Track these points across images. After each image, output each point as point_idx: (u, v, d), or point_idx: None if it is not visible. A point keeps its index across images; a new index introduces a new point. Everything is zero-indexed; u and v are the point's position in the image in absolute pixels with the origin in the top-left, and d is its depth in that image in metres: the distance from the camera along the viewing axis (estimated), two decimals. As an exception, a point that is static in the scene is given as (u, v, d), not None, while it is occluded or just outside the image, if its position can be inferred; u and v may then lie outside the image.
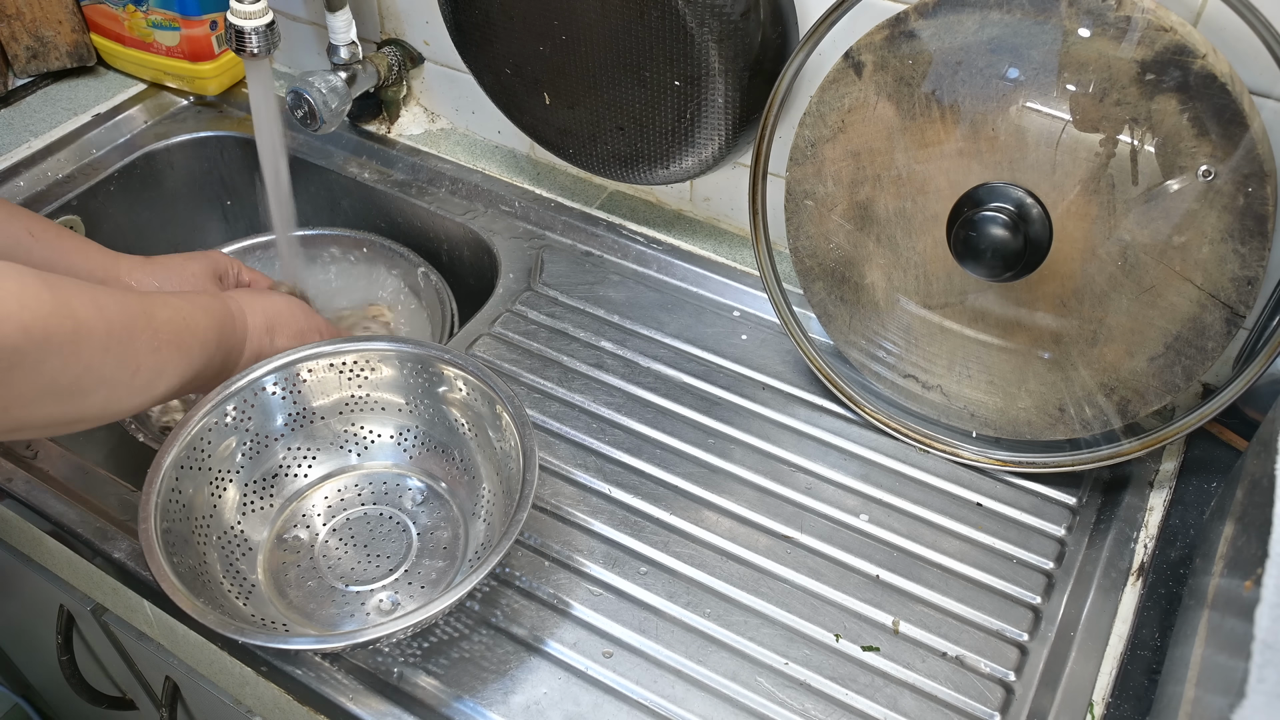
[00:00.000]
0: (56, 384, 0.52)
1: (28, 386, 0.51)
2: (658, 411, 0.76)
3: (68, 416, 0.55)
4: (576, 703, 0.60)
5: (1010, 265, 0.65)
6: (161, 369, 0.59)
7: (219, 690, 0.74)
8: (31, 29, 0.99)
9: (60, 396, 0.53)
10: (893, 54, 0.65)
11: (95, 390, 0.55)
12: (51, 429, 0.56)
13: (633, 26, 0.74)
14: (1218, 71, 0.57)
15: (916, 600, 0.66)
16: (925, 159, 0.66)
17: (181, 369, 0.61)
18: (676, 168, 0.81)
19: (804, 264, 0.75)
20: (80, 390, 0.54)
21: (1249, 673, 0.40)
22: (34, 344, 0.50)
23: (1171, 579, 0.67)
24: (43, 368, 0.51)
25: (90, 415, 0.56)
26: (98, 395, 0.55)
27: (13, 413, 0.51)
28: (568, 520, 0.69)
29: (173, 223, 1.03)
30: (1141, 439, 0.68)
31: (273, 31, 0.79)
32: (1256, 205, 0.59)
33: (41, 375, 0.51)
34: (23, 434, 0.55)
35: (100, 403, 0.56)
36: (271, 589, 0.65)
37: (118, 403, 0.57)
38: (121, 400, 0.57)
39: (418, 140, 0.99)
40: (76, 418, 0.55)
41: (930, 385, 0.74)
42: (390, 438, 0.72)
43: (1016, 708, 0.60)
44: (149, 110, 1.02)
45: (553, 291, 0.85)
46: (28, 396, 0.51)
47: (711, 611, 0.64)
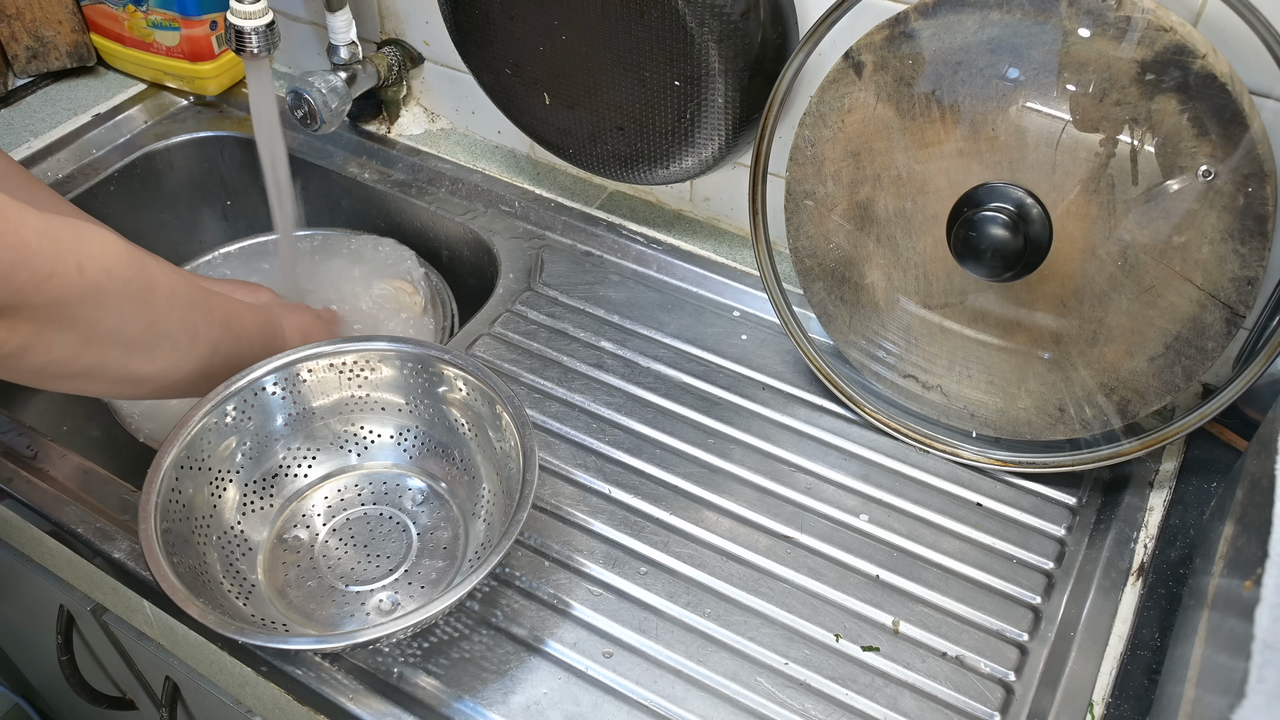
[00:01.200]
0: (129, 330, 0.57)
1: (106, 325, 0.56)
2: (658, 411, 0.76)
3: (135, 370, 0.59)
4: (576, 703, 0.60)
5: (1010, 265, 0.65)
6: (217, 344, 0.64)
7: (219, 690, 0.74)
8: (31, 29, 0.99)
9: (131, 346, 0.58)
10: (893, 54, 0.65)
11: (159, 345, 0.60)
12: (118, 384, 0.60)
13: (633, 26, 0.74)
14: (1218, 71, 0.57)
15: (916, 600, 0.66)
16: (925, 159, 0.66)
17: (229, 350, 0.65)
18: (676, 168, 0.81)
19: (804, 264, 0.75)
20: (148, 342, 0.59)
21: (1249, 673, 0.40)
22: (115, 285, 0.55)
23: (1171, 579, 0.67)
24: (122, 311, 0.56)
25: (153, 374, 0.61)
26: (161, 351, 0.60)
27: (91, 351, 0.56)
28: (568, 520, 0.69)
29: (173, 223, 1.03)
30: (1141, 439, 0.68)
31: (273, 31, 0.79)
32: (1256, 205, 0.59)
33: (121, 317, 0.56)
34: (92, 382, 0.59)
35: (163, 360, 0.60)
36: (271, 589, 0.65)
37: (177, 367, 0.62)
38: (181, 366, 0.62)
39: (418, 140, 0.99)
40: (141, 374, 0.60)
41: (930, 385, 0.74)
42: (390, 438, 0.72)
43: (1016, 708, 0.60)
44: (149, 110, 1.02)
45: (553, 291, 0.85)
46: (105, 336, 0.56)
47: (711, 611, 0.64)
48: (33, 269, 0.50)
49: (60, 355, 0.55)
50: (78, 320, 0.54)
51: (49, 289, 0.51)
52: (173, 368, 0.61)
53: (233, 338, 0.65)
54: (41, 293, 0.51)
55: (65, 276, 0.52)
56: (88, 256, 0.53)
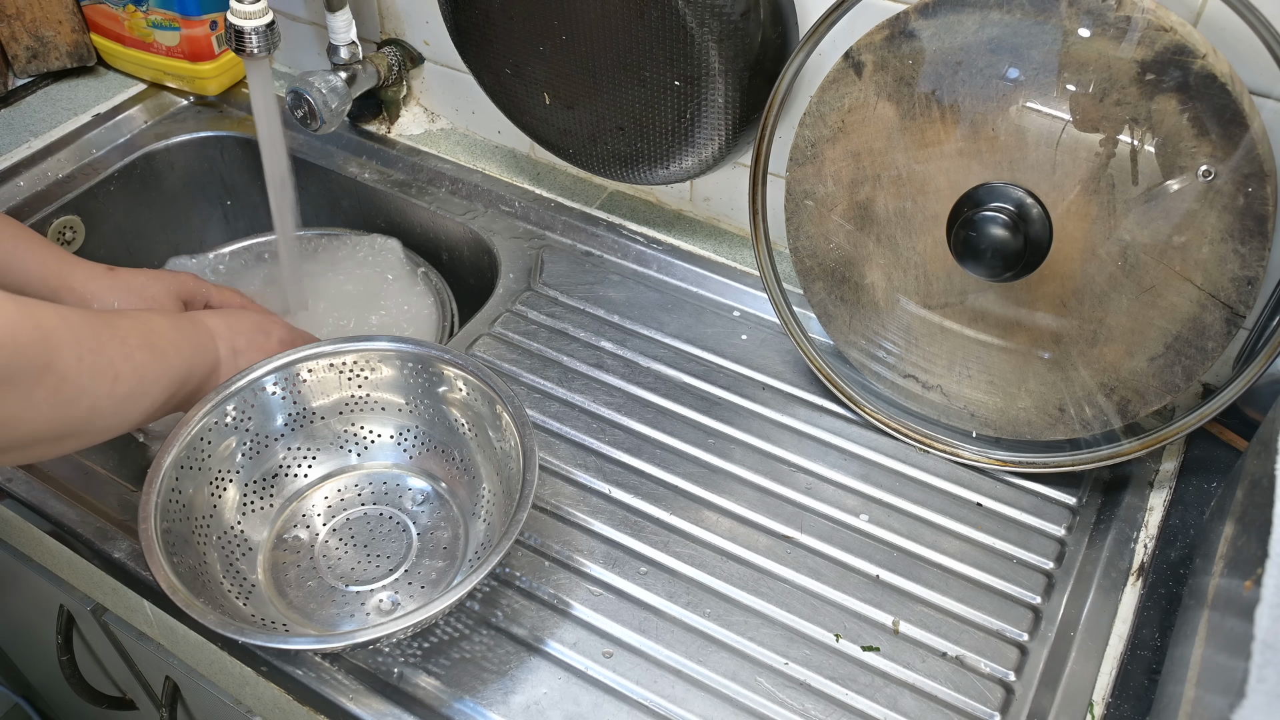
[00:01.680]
0: (34, 395, 0.52)
1: (9, 399, 0.50)
2: (658, 411, 0.76)
3: (59, 429, 0.54)
4: (576, 703, 0.60)
5: (1010, 265, 0.65)
6: (142, 376, 0.58)
7: (219, 690, 0.74)
8: (31, 29, 0.99)
9: (41, 409, 0.52)
10: (893, 54, 0.65)
11: (77, 400, 0.54)
12: (50, 446, 0.55)
13: (633, 26, 0.74)
14: (1218, 71, 0.57)
15: (916, 600, 0.66)
16: (925, 159, 0.66)
17: (162, 375, 0.60)
18: (676, 168, 0.81)
19: (804, 264, 0.75)
20: (62, 400, 0.53)
21: (1249, 673, 0.40)
22: (6, 354, 0.50)
23: (1171, 579, 0.67)
24: (21, 379, 0.51)
25: (81, 428, 0.56)
26: (80, 406, 0.55)
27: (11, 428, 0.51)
28: (568, 520, 0.69)
29: (173, 223, 1.03)
30: (1141, 439, 0.68)
31: (273, 31, 0.79)
32: (1256, 205, 0.59)
33: (20, 384, 0.51)
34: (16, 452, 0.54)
35: (86, 412, 0.55)
36: (271, 589, 0.65)
37: (105, 414, 0.57)
38: (109, 411, 0.57)
39: (418, 140, 0.99)
40: (69, 430, 0.55)
41: (930, 385, 0.74)
42: (390, 438, 0.72)
43: (1016, 708, 0.60)
44: (149, 110, 1.02)
45: (553, 291, 0.85)
46: (13, 410, 0.51)
47: (711, 611, 0.64)
48: None
49: None
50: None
51: None
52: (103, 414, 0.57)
53: (159, 358, 0.60)
54: None
55: None
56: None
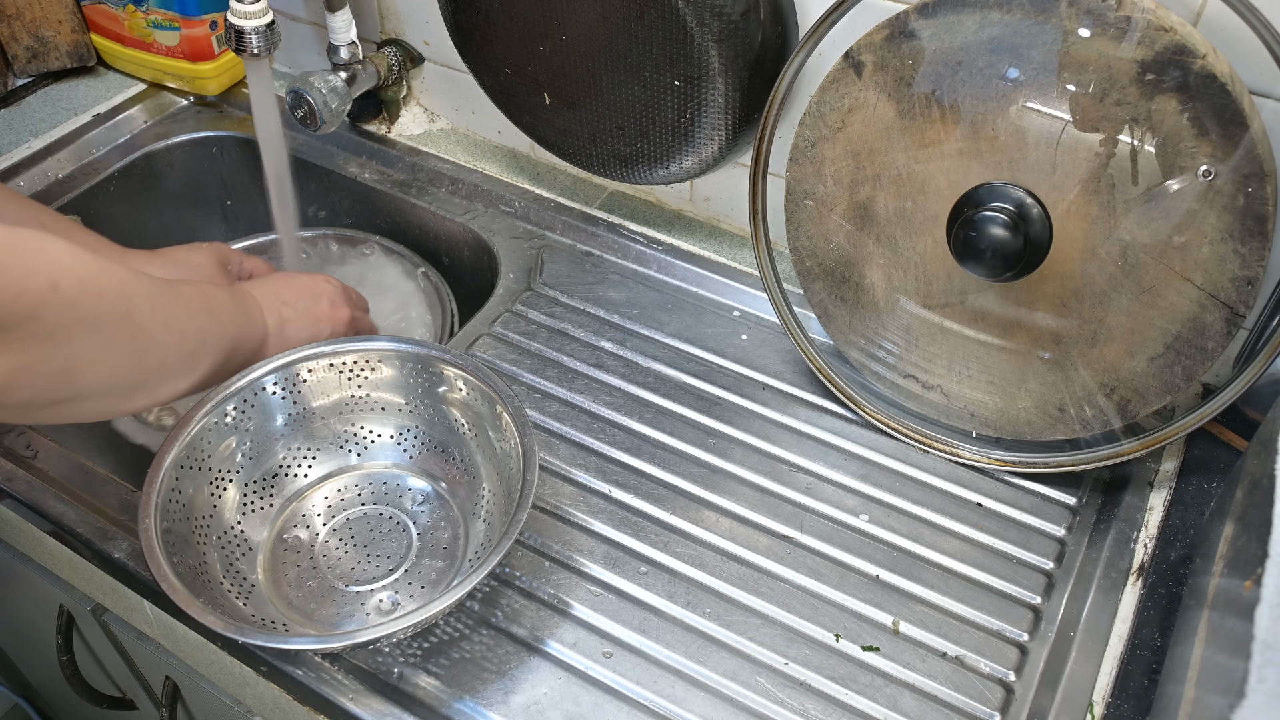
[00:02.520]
0: (114, 340, 0.54)
1: (90, 342, 0.53)
2: (658, 411, 0.76)
3: (130, 379, 0.56)
4: (576, 703, 0.60)
5: (1010, 265, 0.65)
6: (203, 337, 0.61)
7: (219, 690, 0.74)
8: (31, 29, 0.99)
9: (120, 355, 0.55)
10: (893, 54, 0.65)
11: (149, 351, 0.57)
12: (119, 398, 0.57)
13: (633, 26, 0.74)
14: (1218, 71, 0.57)
15: (916, 600, 0.66)
16: (925, 159, 0.66)
17: (220, 339, 0.63)
18: (676, 168, 0.81)
19: (804, 264, 0.75)
20: (137, 350, 0.56)
21: (1249, 673, 0.40)
22: (90, 297, 0.52)
23: (1171, 579, 0.67)
24: (102, 323, 0.53)
25: (150, 380, 0.58)
26: (152, 357, 0.57)
27: (80, 372, 0.53)
28: (568, 520, 0.69)
29: (173, 223, 1.03)
30: (1141, 439, 0.68)
31: (273, 31, 0.79)
32: (1256, 205, 0.59)
33: (102, 328, 0.53)
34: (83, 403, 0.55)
35: (156, 365, 0.58)
36: (271, 589, 0.65)
37: (172, 372, 0.59)
38: (176, 367, 0.59)
39: (418, 140, 0.99)
40: (138, 381, 0.57)
41: (930, 385, 0.74)
42: (390, 438, 0.72)
43: (1016, 708, 0.60)
44: (149, 110, 1.02)
45: (553, 291, 0.85)
46: (90, 352, 0.53)
47: (711, 611, 0.64)
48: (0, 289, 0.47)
49: (47, 384, 0.51)
50: (58, 340, 0.51)
51: (20, 308, 0.48)
52: (167, 371, 0.59)
53: (218, 326, 0.63)
54: (13, 314, 0.48)
55: (38, 294, 0.49)
56: (60, 270, 0.50)
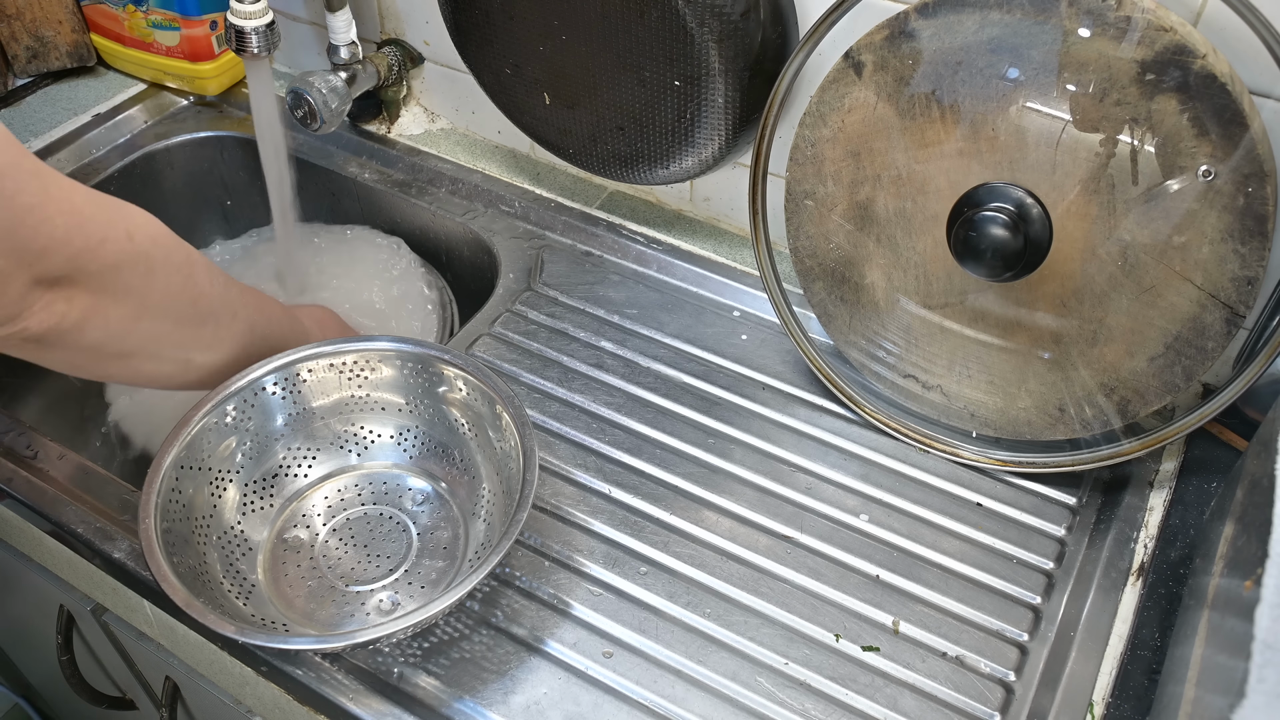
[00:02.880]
0: (178, 302, 0.59)
1: (157, 295, 0.57)
2: (658, 411, 0.76)
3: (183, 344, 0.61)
4: (576, 703, 0.60)
5: (1010, 265, 0.65)
6: (253, 324, 0.66)
7: (219, 690, 0.74)
8: (31, 29, 0.99)
9: (180, 318, 0.60)
10: (893, 54, 0.65)
11: (205, 321, 0.61)
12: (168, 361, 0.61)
13: (633, 26, 0.74)
14: (1218, 71, 0.57)
15: (916, 600, 0.66)
16: (925, 159, 0.66)
17: (265, 331, 0.67)
18: (676, 168, 0.81)
19: (804, 264, 0.75)
20: (195, 317, 0.60)
21: (1249, 673, 0.40)
22: (161, 254, 0.57)
23: (1171, 579, 0.67)
24: (169, 281, 0.58)
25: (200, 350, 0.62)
26: (207, 327, 0.62)
27: (142, 325, 0.57)
28: (568, 520, 0.69)
29: (173, 223, 1.01)
30: (1141, 439, 0.68)
31: (273, 31, 0.79)
32: (1256, 205, 0.59)
33: (168, 287, 0.58)
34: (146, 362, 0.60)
35: (208, 337, 0.62)
36: (271, 589, 0.65)
37: (223, 343, 0.63)
38: (226, 342, 0.63)
39: (418, 140, 0.99)
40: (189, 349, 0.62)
41: (930, 385, 0.74)
42: (390, 438, 0.72)
43: (1016, 708, 0.60)
44: (149, 110, 1.02)
45: (553, 291, 0.85)
46: (156, 307, 0.57)
47: (711, 611, 0.64)
48: (87, 234, 0.52)
49: (117, 328, 0.56)
50: (130, 289, 0.55)
51: (103, 255, 0.53)
52: (219, 346, 0.63)
53: (265, 318, 0.67)
54: (96, 259, 0.52)
55: (117, 243, 0.54)
56: (135, 225, 0.55)
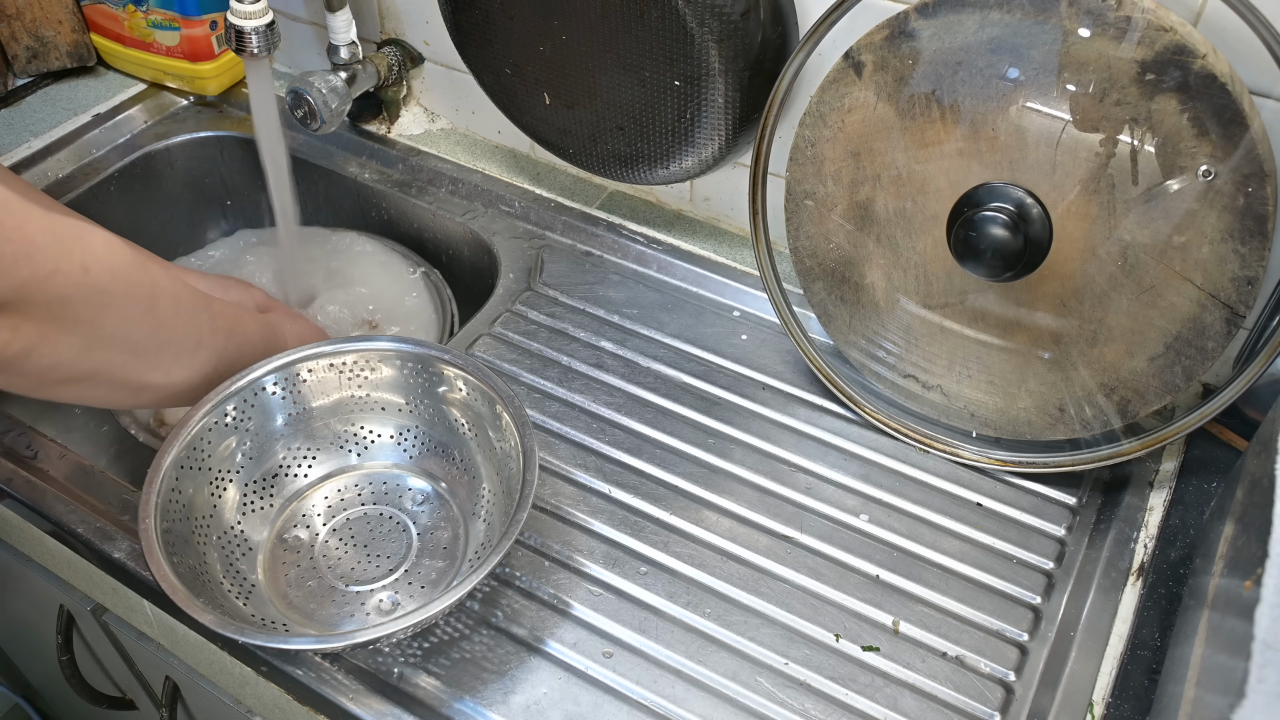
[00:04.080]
0: (134, 334, 0.57)
1: (111, 328, 0.56)
2: (658, 411, 0.76)
3: (138, 375, 0.59)
4: (576, 703, 0.60)
5: (1010, 265, 0.65)
6: (218, 351, 0.64)
7: (219, 690, 0.74)
8: (31, 29, 0.99)
9: (136, 349, 0.58)
10: (893, 54, 0.65)
11: (164, 351, 0.60)
12: (121, 390, 0.59)
13: (633, 26, 0.74)
14: (1218, 71, 0.57)
15: (916, 600, 0.66)
16: (925, 159, 0.66)
17: (232, 357, 0.65)
18: (676, 168, 0.81)
19: (804, 264, 0.75)
20: (152, 348, 0.59)
21: (1249, 673, 0.40)
22: (120, 287, 0.55)
23: (1171, 579, 0.67)
24: (126, 313, 0.56)
25: (156, 380, 0.60)
26: (165, 357, 0.60)
27: (94, 355, 0.56)
28: (568, 520, 0.69)
29: (173, 223, 1.03)
30: (1141, 439, 0.68)
31: (273, 31, 0.79)
32: (1256, 205, 0.59)
33: (124, 319, 0.56)
34: (95, 388, 0.58)
35: (167, 366, 0.60)
36: (271, 589, 0.65)
37: (181, 374, 0.62)
38: (183, 371, 0.62)
39: (418, 140, 0.99)
40: (145, 379, 0.60)
41: (930, 385, 0.74)
42: (390, 438, 0.72)
43: (1016, 708, 0.60)
44: (149, 110, 1.02)
45: (553, 291, 0.85)
46: (110, 339, 0.56)
47: (711, 611, 0.64)
48: (36, 264, 0.50)
49: (65, 357, 0.54)
50: (81, 320, 0.54)
51: (52, 286, 0.51)
52: (176, 375, 0.61)
53: (236, 345, 0.65)
54: (44, 290, 0.51)
55: (69, 275, 0.52)
56: (93, 257, 0.53)
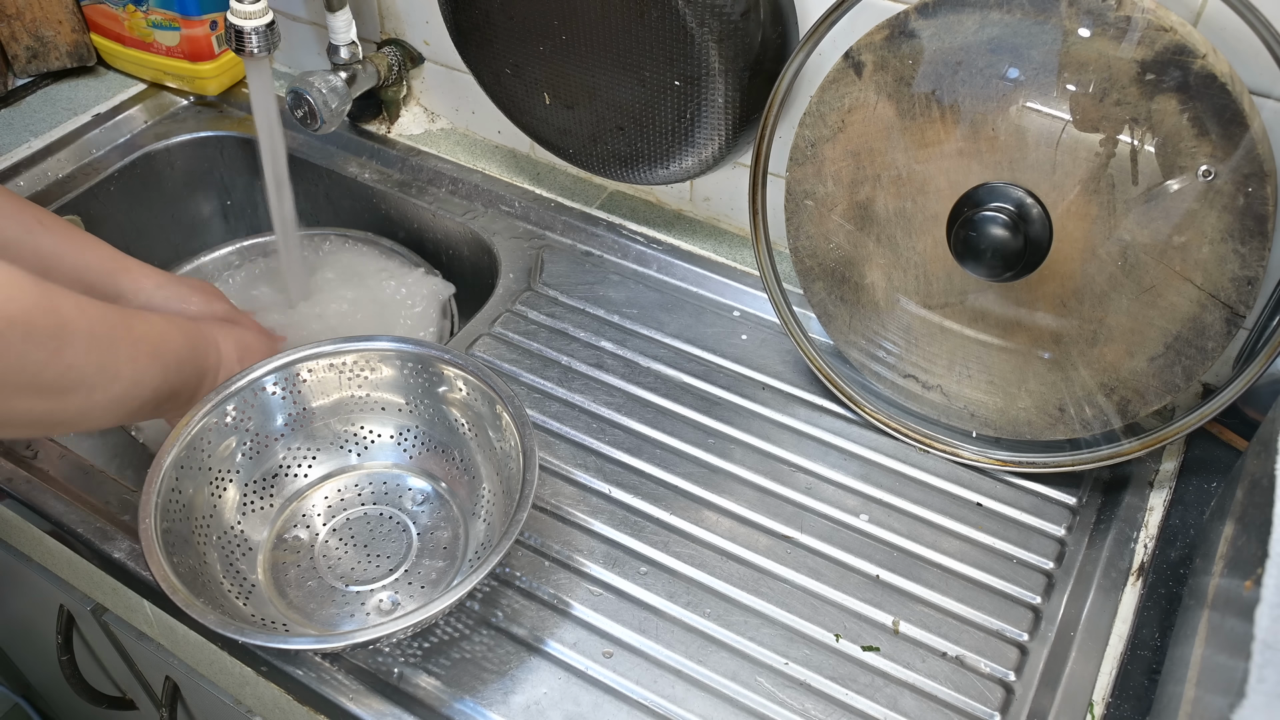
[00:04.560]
0: (39, 378, 0.53)
1: (11, 376, 0.51)
2: (658, 411, 0.76)
3: (46, 416, 0.55)
4: (576, 703, 0.60)
5: (1010, 265, 0.65)
6: (139, 380, 0.60)
7: (219, 690, 0.74)
8: (31, 29, 0.99)
9: (41, 392, 0.53)
10: (893, 54, 0.65)
11: (75, 390, 0.55)
12: (30, 428, 0.56)
13: (633, 26, 0.74)
14: (1218, 71, 0.57)
15: (916, 600, 0.66)
16: (925, 159, 0.66)
17: (157, 383, 0.61)
18: (676, 168, 0.81)
19: (804, 264, 0.75)
20: (61, 388, 0.54)
21: (1249, 673, 0.40)
22: (18, 333, 0.50)
23: (1171, 579, 0.67)
24: (26, 360, 0.51)
25: (69, 418, 0.56)
26: (76, 397, 0.56)
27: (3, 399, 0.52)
28: (568, 520, 0.69)
29: (173, 223, 1.03)
30: (1141, 439, 0.68)
31: (273, 31, 0.79)
32: (1256, 205, 0.59)
33: (25, 367, 0.51)
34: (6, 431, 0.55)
35: (79, 405, 0.56)
36: (271, 589, 0.65)
37: (95, 409, 0.57)
38: (99, 407, 0.58)
39: (418, 140, 0.99)
40: (55, 419, 0.56)
41: (930, 385, 0.74)
42: (390, 438, 0.72)
43: (1016, 708, 0.60)
44: (149, 110, 1.02)
45: (553, 291, 0.85)
46: (11, 387, 0.51)
47: (711, 611, 0.64)
48: None
49: None
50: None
51: None
52: (90, 408, 0.57)
53: (160, 367, 0.62)
54: None
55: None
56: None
